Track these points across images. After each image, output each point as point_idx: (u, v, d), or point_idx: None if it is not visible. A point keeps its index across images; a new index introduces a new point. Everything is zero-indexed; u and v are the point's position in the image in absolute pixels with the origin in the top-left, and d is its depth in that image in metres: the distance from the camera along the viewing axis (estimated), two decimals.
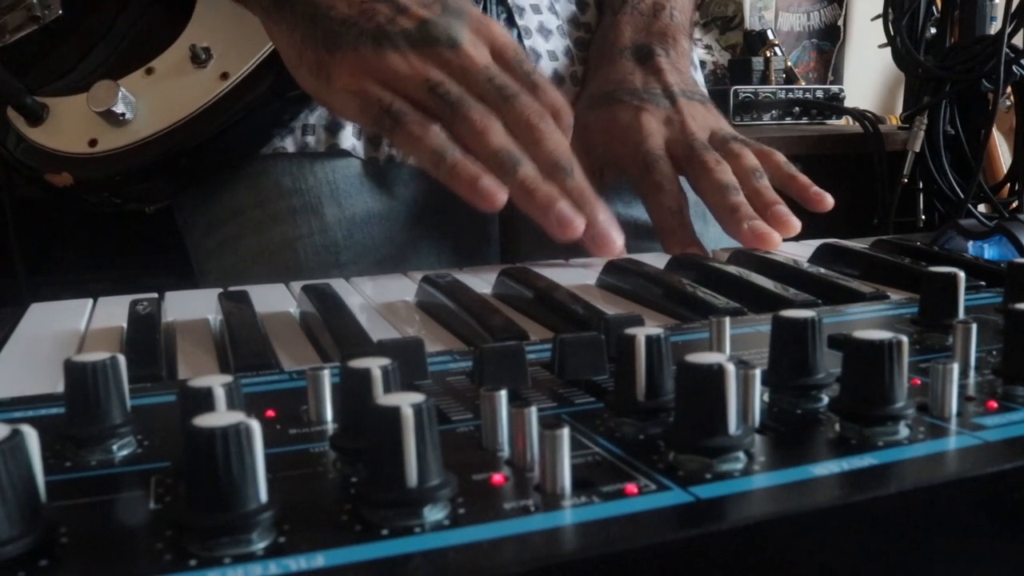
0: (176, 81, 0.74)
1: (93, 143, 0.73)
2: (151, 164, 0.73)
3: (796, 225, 0.69)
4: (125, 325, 0.48)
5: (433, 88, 0.63)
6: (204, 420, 0.23)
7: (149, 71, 0.74)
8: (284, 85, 0.74)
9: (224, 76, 0.73)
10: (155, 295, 0.53)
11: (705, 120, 0.78)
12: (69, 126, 0.74)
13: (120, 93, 0.71)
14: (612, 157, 0.78)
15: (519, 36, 0.85)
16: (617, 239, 0.62)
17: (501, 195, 0.59)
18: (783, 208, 0.70)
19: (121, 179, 0.74)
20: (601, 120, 0.79)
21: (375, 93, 0.63)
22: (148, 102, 0.73)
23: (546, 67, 0.85)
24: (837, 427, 0.30)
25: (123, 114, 0.72)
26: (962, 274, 0.40)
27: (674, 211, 0.71)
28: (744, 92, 1.73)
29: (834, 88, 1.88)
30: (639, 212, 0.86)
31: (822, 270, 0.56)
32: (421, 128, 0.61)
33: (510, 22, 0.85)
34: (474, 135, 0.61)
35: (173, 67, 0.74)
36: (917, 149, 1.67)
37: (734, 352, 0.38)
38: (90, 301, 0.54)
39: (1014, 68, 1.58)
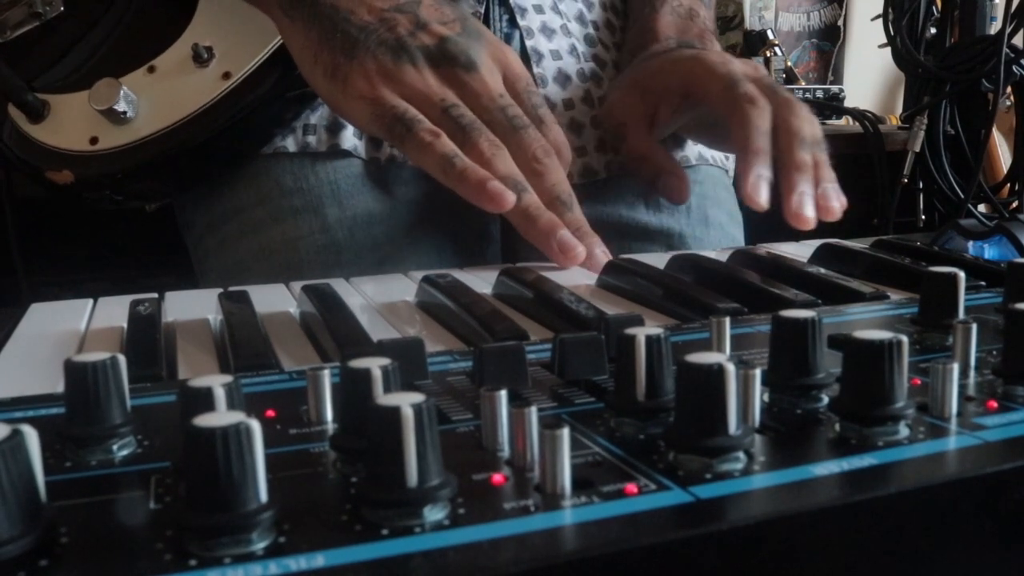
0: (178, 80, 0.74)
1: (94, 141, 0.73)
2: (152, 162, 0.73)
3: (836, 212, 0.68)
4: (125, 325, 0.48)
5: (447, 110, 0.64)
6: (204, 420, 0.23)
7: (151, 69, 0.74)
8: (286, 85, 0.74)
9: (226, 76, 0.73)
10: (155, 295, 0.53)
11: None
12: (70, 123, 0.74)
13: (122, 91, 0.71)
14: (686, 84, 0.76)
15: (521, 37, 0.85)
16: (597, 268, 0.62)
17: (509, 196, 0.60)
18: (833, 188, 0.68)
19: (122, 177, 0.74)
20: (662, 60, 0.79)
21: (389, 101, 0.64)
22: (149, 101, 0.73)
23: (549, 66, 0.85)
24: (837, 427, 0.30)
25: (124, 112, 0.72)
26: (962, 274, 0.40)
27: (763, 130, 0.69)
28: None
29: (834, 88, 1.89)
30: (640, 214, 0.86)
31: (822, 270, 0.56)
32: (432, 136, 0.62)
33: (512, 23, 0.85)
34: (481, 162, 0.62)
35: (175, 66, 0.74)
36: (917, 149, 1.67)
37: (734, 352, 0.38)
38: (90, 301, 0.54)
39: (1014, 68, 1.58)
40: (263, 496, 0.23)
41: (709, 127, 0.80)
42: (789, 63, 2.15)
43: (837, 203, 0.68)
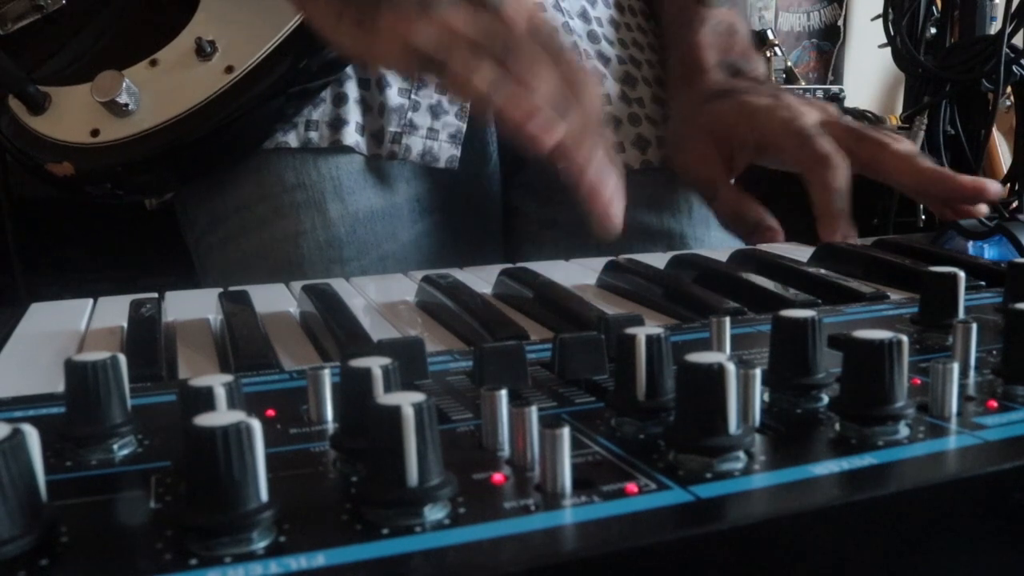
0: (180, 73, 0.74)
1: (95, 133, 0.73)
2: (153, 156, 0.73)
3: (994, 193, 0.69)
4: (125, 325, 0.48)
5: (478, 43, 0.62)
6: (205, 419, 0.23)
7: (153, 63, 0.74)
8: (289, 80, 0.74)
9: (229, 69, 0.73)
10: (155, 295, 0.53)
11: None
12: (71, 115, 0.74)
13: (124, 83, 0.71)
14: (759, 137, 0.77)
15: None
16: (618, 212, 0.60)
17: (548, 139, 0.58)
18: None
19: (122, 170, 0.74)
20: (733, 106, 0.79)
21: (421, 37, 0.63)
22: (151, 94, 0.73)
23: None
24: (837, 427, 0.30)
25: (126, 104, 0.71)
26: (962, 274, 0.40)
27: (840, 192, 0.70)
28: None
29: (834, 88, 1.89)
30: (642, 214, 0.86)
31: (822, 270, 0.56)
32: (474, 62, 0.60)
33: None
34: (522, 82, 0.60)
35: (178, 59, 0.74)
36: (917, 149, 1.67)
37: (734, 352, 0.38)
38: (90, 301, 0.54)
39: (1014, 68, 1.58)
40: (263, 495, 0.23)
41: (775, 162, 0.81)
42: (789, 63, 2.15)
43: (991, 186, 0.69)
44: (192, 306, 0.53)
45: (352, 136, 0.79)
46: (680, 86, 0.86)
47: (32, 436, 0.23)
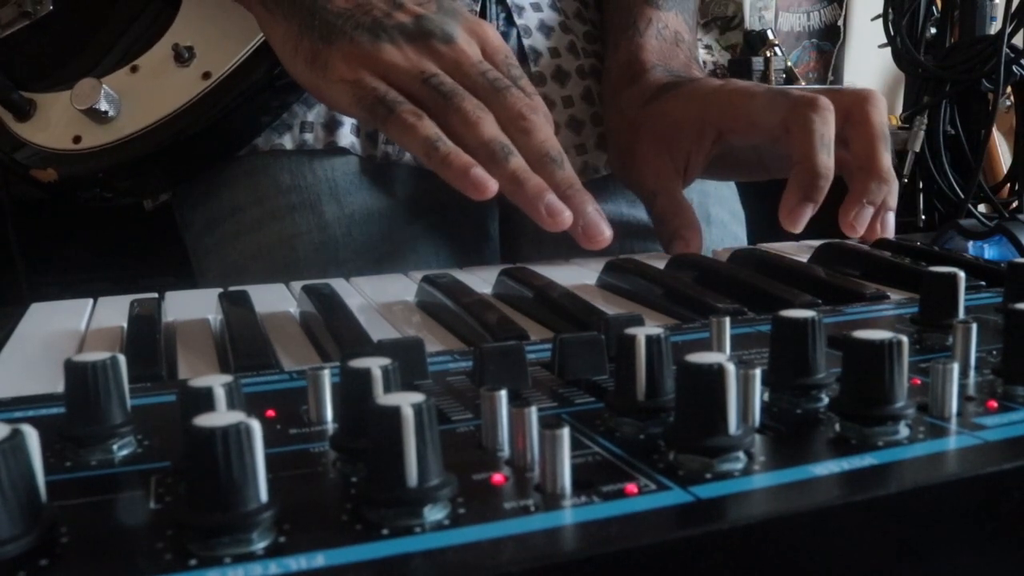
0: (159, 80, 0.74)
1: (77, 139, 0.73)
2: (133, 161, 0.74)
3: (887, 235, 0.68)
4: (125, 325, 0.48)
5: (427, 79, 0.64)
6: (204, 420, 0.23)
7: (134, 69, 0.74)
8: (267, 83, 0.75)
9: (206, 75, 0.73)
10: (155, 295, 0.53)
11: None
12: (55, 122, 0.74)
13: (103, 91, 0.71)
14: (723, 119, 0.72)
15: (518, 35, 0.85)
16: (606, 231, 0.61)
17: (492, 185, 0.59)
18: (892, 214, 0.69)
19: (104, 175, 0.74)
20: (682, 96, 0.74)
21: (369, 83, 0.64)
22: (132, 100, 0.73)
23: (547, 65, 0.85)
24: (837, 427, 0.30)
25: (106, 112, 0.72)
26: (962, 274, 0.40)
27: (825, 140, 0.65)
28: None
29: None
30: (642, 212, 0.86)
31: (822, 270, 0.56)
32: (414, 117, 0.62)
33: (509, 21, 0.85)
34: (467, 125, 0.61)
35: (157, 65, 0.75)
36: (917, 149, 1.67)
37: (734, 352, 0.38)
38: (90, 301, 0.54)
39: (1014, 68, 1.58)
40: (263, 496, 0.23)
41: (736, 161, 0.77)
42: (789, 63, 2.15)
43: (889, 232, 0.67)
44: (192, 306, 0.53)
45: (347, 137, 0.79)
46: (620, 89, 0.82)
47: (32, 436, 0.23)
